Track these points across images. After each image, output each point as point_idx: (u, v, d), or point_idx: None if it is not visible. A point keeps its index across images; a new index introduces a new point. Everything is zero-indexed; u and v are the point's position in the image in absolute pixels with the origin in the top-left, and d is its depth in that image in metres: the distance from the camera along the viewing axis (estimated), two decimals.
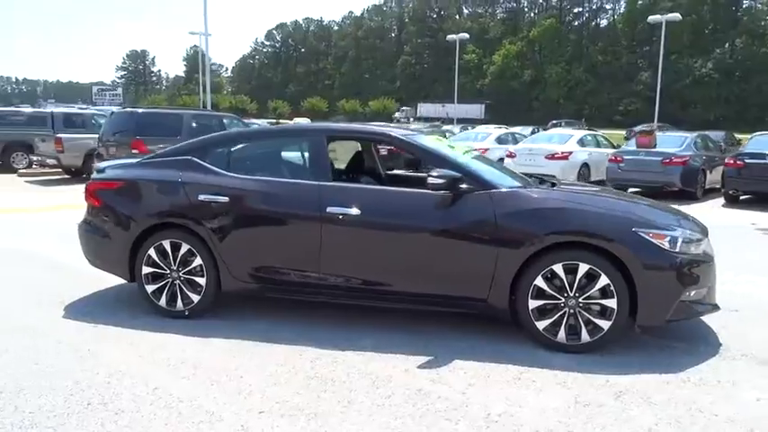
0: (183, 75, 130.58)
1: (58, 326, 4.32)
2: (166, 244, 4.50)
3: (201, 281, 4.46)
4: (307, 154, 4.46)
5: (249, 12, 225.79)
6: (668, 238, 3.81)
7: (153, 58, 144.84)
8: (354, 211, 4.12)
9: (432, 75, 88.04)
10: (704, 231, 4.22)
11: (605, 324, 3.82)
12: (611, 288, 3.77)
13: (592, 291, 3.81)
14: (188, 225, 4.45)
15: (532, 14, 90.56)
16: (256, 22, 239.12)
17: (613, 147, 15.47)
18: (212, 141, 4.82)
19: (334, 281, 4.27)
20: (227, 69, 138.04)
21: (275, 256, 4.36)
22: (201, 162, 4.59)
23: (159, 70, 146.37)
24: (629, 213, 3.96)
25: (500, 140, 16.52)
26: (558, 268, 3.83)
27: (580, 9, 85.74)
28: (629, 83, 68.96)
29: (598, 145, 15.21)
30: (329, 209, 4.14)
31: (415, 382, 3.43)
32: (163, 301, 4.54)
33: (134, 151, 13.15)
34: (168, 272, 4.51)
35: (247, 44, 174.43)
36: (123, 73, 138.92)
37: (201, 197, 4.42)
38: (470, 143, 16.07)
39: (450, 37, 41.80)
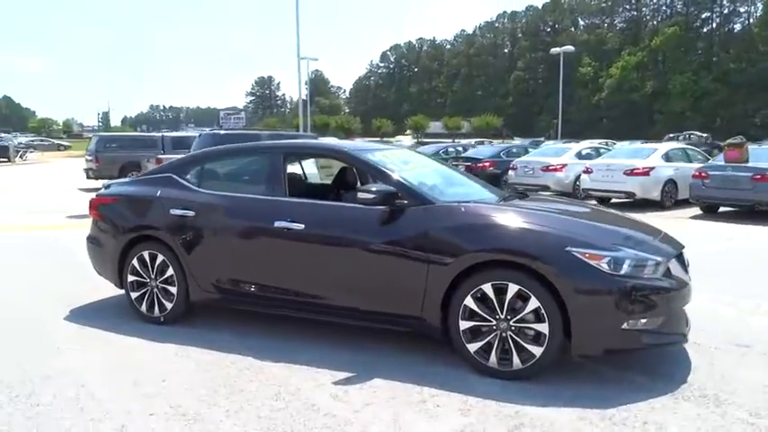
0: (305, 98, 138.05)
1: (48, 322, 4.77)
2: (146, 255, 4.84)
3: (174, 290, 4.74)
4: (265, 171, 4.60)
5: (366, 35, 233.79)
6: (607, 260, 3.47)
7: (278, 84, 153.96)
8: (299, 225, 4.19)
9: (545, 89, 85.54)
10: (670, 255, 3.79)
11: (537, 350, 3.55)
12: (542, 312, 3.51)
13: (523, 314, 3.56)
14: (162, 237, 4.76)
15: (654, 23, 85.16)
16: (372, 45, 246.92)
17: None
18: (189, 159, 5.13)
19: (283, 294, 4.35)
20: (345, 91, 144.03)
21: (234, 268, 4.52)
22: (178, 179, 4.89)
23: (284, 94, 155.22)
24: (568, 232, 3.65)
25: (581, 155, 15.72)
26: (488, 288, 3.63)
27: (709, 14, 79.36)
28: (765, 92, 62.49)
29: (688, 159, 13.96)
30: (276, 223, 4.25)
31: (317, 398, 3.40)
32: (144, 308, 4.87)
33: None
34: (148, 280, 4.84)
35: (364, 66, 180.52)
36: (252, 98, 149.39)
37: (173, 211, 4.71)
38: (546, 159, 15.51)
39: (554, 50, 40.56)
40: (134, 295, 4.92)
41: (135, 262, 4.89)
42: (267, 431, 3.03)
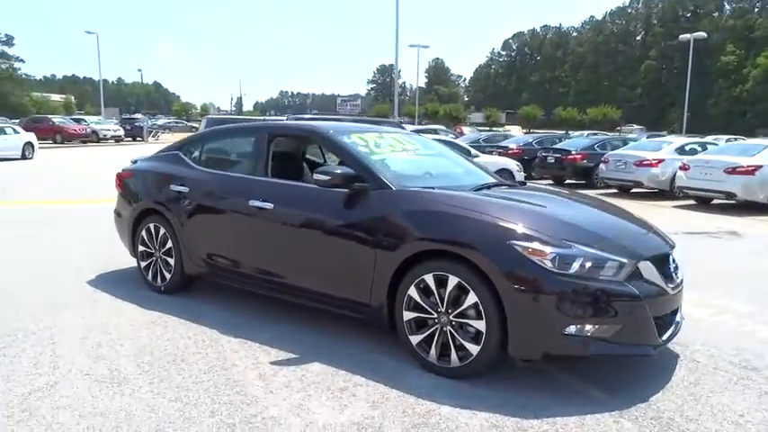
0: (423, 86, 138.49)
1: (64, 284, 5.19)
2: (152, 227, 5.12)
3: (172, 262, 4.97)
4: (251, 150, 4.66)
5: (489, 23, 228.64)
6: (552, 256, 3.14)
7: (399, 71, 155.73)
8: (268, 205, 4.22)
9: (678, 80, 78.87)
10: (640, 257, 3.34)
11: (474, 349, 3.30)
12: (480, 308, 3.26)
13: (462, 309, 3.33)
14: (163, 212, 5.01)
15: None
16: (495, 33, 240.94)
17: None
18: (194, 138, 5.33)
19: (255, 272, 4.42)
20: (464, 80, 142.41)
21: (217, 244, 4.65)
22: (183, 156, 5.11)
23: (404, 82, 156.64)
24: (518, 224, 3.33)
25: (683, 151, 14.34)
26: (430, 279, 3.43)
27: None
28: None
29: None
30: (251, 202, 4.31)
31: (243, 375, 3.41)
32: (150, 276, 5.17)
33: None
34: (154, 251, 5.13)
35: (485, 55, 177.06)
36: (373, 86, 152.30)
37: (172, 187, 4.94)
38: (642, 153, 14.32)
39: (683, 37, 37.17)
40: (142, 264, 5.24)
41: (144, 233, 5.19)
42: (174, 401, 3.10)
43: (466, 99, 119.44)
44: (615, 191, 14.88)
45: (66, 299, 4.83)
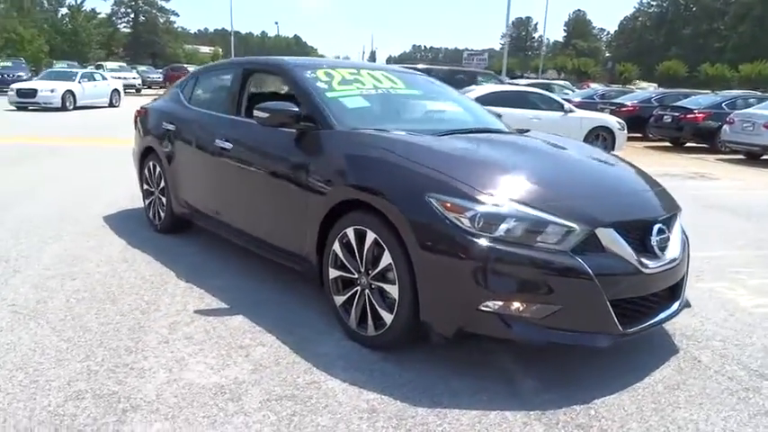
0: (561, 40, 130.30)
1: (75, 218, 5.32)
2: (151, 165, 5.07)
3: (165, 200, 4.90)
4: (227, 87, 4.34)
5: None
6: (471, 214, 2.53)
7: (536, 25, 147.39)
8: (228, 145, 3.92)
9: None
10: (601, 223, 2.60)
11: (388, 318, 2.81)
12: (393, 270, 2.75)
13: (378, 270, 2.84)
14: (157, 150, 4.92)
15: None
16: None
17: None
18: (190, 76, 5.12)
19: (216, 215, 4.20)
20: (608, 33, 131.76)
21: (193, 184, 4.47)
22: (180, 93, 4.95)
23: (540, 36, 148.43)
24: (446, 174, 2.71)
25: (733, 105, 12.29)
26: (351, 233, 2.97)
27: None
28: None
29: None
30: (216, 141, 4.04)
31: (154, 323, 3.18)
32: (150, 214, 5.16)
33: None
34: (153, 189, 5.09)
35: (632, 5, 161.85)
36: (507, 39, 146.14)
37: (163, 125, 4.81)
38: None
39: None
40: (146, 203, 5.24)
41: (146, 171, 5.17)
42: (66, 341, 2.95)
43: (607, 54, 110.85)
44: (742, 157, 12.91)
45: (72, 230, 4.94)
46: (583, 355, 2.93)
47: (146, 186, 5.21)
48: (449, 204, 2.57)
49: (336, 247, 3.05)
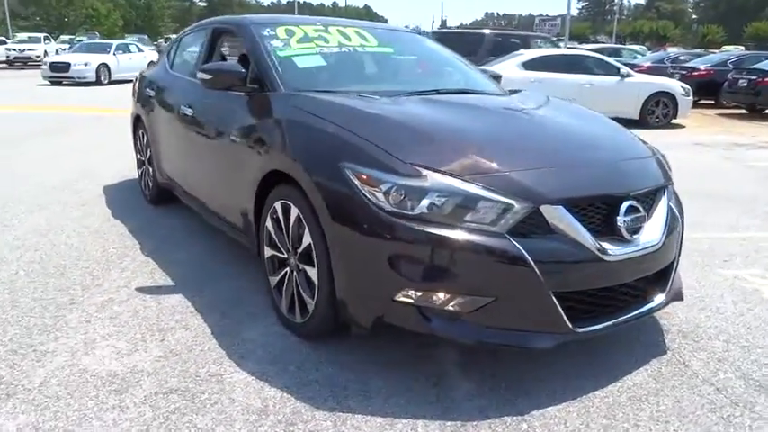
0: (643, 2, 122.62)
1: (75, 190, 5.26)
2: (140, 134, 4.92)
3: (152, 170, 4.74)
4: (199, 50, 4.05)
5: None
6: (387, 187, 2.13)
7: None
8: (190, 111, 3.66)
9: None
10: (541, 199, 2.13)
11: (310, 303, 2.48)
12: (313, 251, 2.41)
13: (302, 249, 2.50)
14: (142, 117, 4.74)
15: None
16: None
17: None
18: (175, 38, 4.86)
19: (183, 185, 3.98)
20: None
21: (167, 152, 4.26)
22: (165, 58, 4.73)
23: (622, 0, 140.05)
24: (369, 139, 2.30)
25: None
26: (279, 208, 2.64)
27: None
28: None
29: None
30: (182, 107, 3.79)
31: (89, 299, 3.00)
32: (142, 185, 5.04)
33: None
34: (144, 159, 4.94)
35: None
36: (585, 4, 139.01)
37: (146, 92, 4.62)
38: None
39: None
40: (138, 172, 5.12)
41: (137, 140, 5.03)
42: (10, 297, 2.85)
43: (693, 17, 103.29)
44: None
45: (67, 200, 4.88)
46: (547, 352, 2.49)
47: (138, 156, 5.07)
48: (364, 176, 2.18)
49: (269, 223, 2.73)
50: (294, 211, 2.50)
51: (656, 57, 18.97)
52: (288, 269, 2.64)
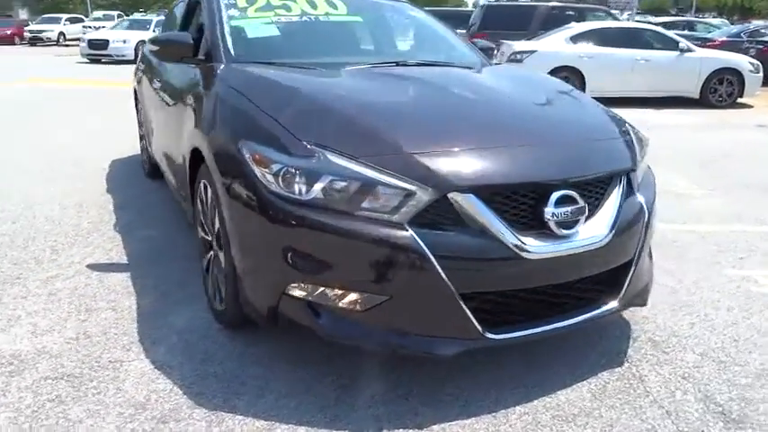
0: None
1: (91, 165, 5.34)
2: (138, 107, 4.89)
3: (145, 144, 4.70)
4: (181, 21, 3.91)
5: None
6: (278, 168, 1.91)
7: None
8: (158, 83, 3.57)
9: None
10: (449, 185, 1.84)
11: (224, 290, 2.32)
12: (220, 232, 2.24)
13: (216, 232, 2.34)
14: (137, 92, 4.70)
15: None
16: None
17: None
18: (170, 9, 4.75)
19: (158, 160, 3.89)
20: None
21: (149, 128, 4.19)
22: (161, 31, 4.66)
23: None
24: (274, 114, 2.07)
25: None
26: (202, 188, 2.48)
27: None
28: None
29: None
30: (155, 81, 3.70)
31: (18, 276, 2.98)
32: (142, 159, 5.02)
33: None
34: (143, 134, 4.91)
35: None
36: None
37: (139, 65, 4.58)
38: None
39: None
40: (140, 146, 5.11)
41: (137, 114, 5.02)
42: None
43: None
44: None
45: (72, 173, 4.93)
46: (481, 358, 2.23)
47: (139, 130, 5.06)
48: (257, 155, 1.97)
49: (198, 203, 2.59)
50: (210, 192, 2.33)
51: (733, 31, 17.43)
52: (212, 252, 2.49)
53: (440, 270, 1.80)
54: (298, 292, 1.93)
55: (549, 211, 1.91)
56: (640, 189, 2.28)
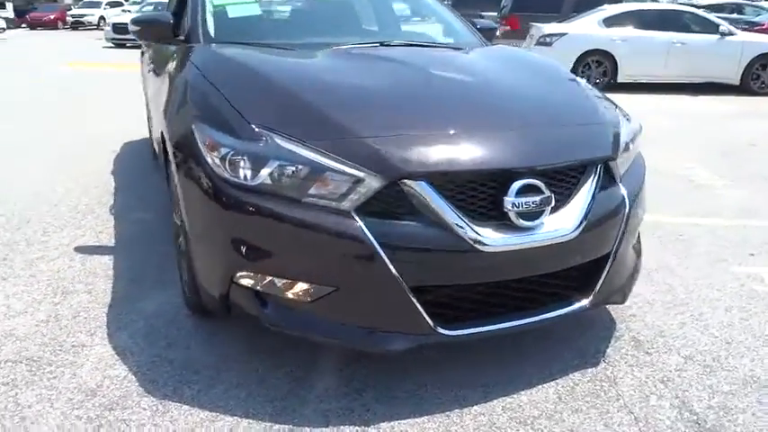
0: None
1: (106, 146, 5.40)
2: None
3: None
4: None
5: None
6: (225, 153, 1.84)
7: None
8: (150, 65, 3.54)
9: None
10: (399, 173, 1.74)
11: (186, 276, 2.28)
12: (181, 220, 2.20)
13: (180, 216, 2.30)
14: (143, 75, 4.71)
15: None
16: None
17: None
18: None
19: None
20: None
21: (148, 110, 4.19)
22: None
23: None
24: (230, 97, 2.01)
25: None
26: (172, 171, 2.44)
27: None
28: None
29: None
30: (147, 62, 3.68)
31: (28, 254, 3.01)
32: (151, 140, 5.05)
33: (506, 28, 12.81)
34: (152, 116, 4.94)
35: None
36: None
37: (143, 47, 4.57)
38: None
39: None
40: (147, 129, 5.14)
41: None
42: None
43: None
44: None
45: (87, 153, 5.01)
46: (459, 350, 2.14)
47: (146, 112, 5.09)
48: (208, 140, 1.91)
49: (171, 186, 2.55)
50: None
51: None
52: (182, 237, 2.46)
53: (388, 262, 1.71)
54: (246, 281, 1.87)
55: (509, 200, 1.79)
56: (624, 179, 2.14)
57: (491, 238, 1.77)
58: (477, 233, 1.76)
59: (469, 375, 2.06)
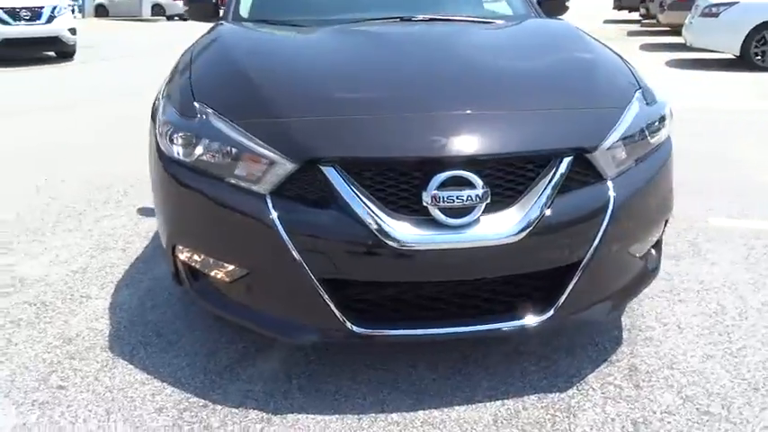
0: None
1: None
2: None
3: None
4: None
5: None
6: (166, 129, 1.90)
7: None
8: None
9: None
10: (310, 154, 1.63)
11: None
12: None
13: None
14: None
15: None
16: None
17: None
18: None
19: None
20: None
21: None
22: None
23: None
24: (199, 76, 2.05)
25: None
26: None
27: None
28: None
29: None
30: None
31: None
32: None
33: None
34: None
35: None
36: None
37: None
38: None
39: None
40: None
41: None
42: None
43: None
44: None
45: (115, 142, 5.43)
46: (422, 351, 2.00)
47: None
48: (164, 117, 1.96)
49: None
50: None
51: None
52: None
53: (293, 249, 1.64)
54: (183, 256, 1.91)
55: (427, 194, 1.60)
56: (625, 176, 1.79)
57: (404, 234, 1.60)
58: (387, 227, 1.60)
59: (413, 379, 1.91)
